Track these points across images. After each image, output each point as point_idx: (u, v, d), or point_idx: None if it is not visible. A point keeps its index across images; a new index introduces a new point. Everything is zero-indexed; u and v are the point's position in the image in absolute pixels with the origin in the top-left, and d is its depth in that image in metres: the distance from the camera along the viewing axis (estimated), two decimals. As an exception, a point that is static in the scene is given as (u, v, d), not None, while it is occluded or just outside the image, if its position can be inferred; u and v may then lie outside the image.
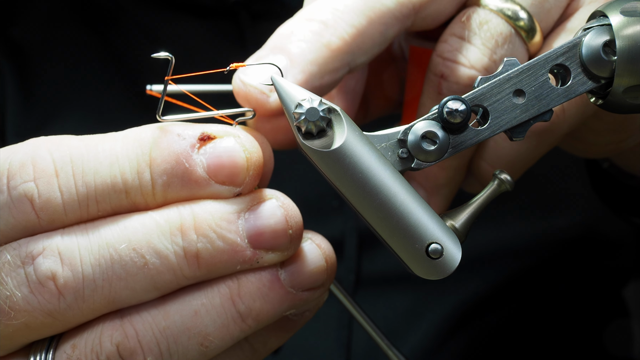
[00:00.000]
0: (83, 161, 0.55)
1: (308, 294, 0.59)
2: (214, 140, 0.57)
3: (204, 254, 0.55)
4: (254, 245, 0.57)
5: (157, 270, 0.55)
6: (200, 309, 0.56)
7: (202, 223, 0.56)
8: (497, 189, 0.60)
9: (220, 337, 0.57)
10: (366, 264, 1.00)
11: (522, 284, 1.02)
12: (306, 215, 1.00)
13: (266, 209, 0.58)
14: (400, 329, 0.99)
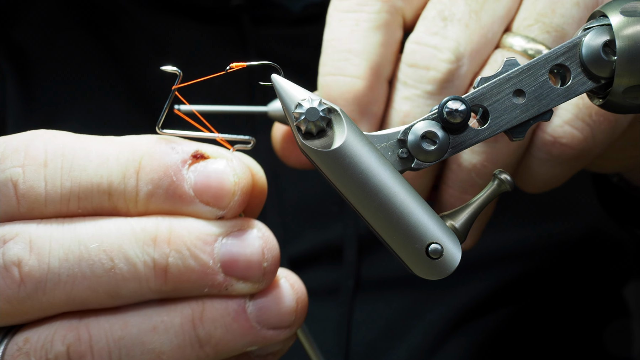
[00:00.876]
0: (74, 157, 0.55)
1: (273, 332, 0.58)
2: (207, 160, 0.57)
3: (173, 270, 0.55)
4: (226, 271, 0.56)
5: (123, 276, 0.54)
6: (159, 325, 0.56)
7: (177, 238, 0.55)
8: (497, 189, 0.60)
9: (174, 359, 0.56)
10: (366, 269, 1.00)
11: (522, 287, 1.02)
12: (306, 221, 1.01)
13: (245, 237, 0.57)
14: (399, 330, 0.99)
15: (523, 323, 1.02)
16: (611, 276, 1.09)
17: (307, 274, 0.99)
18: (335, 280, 0.99)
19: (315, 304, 0.99)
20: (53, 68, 1.02)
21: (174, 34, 1.01)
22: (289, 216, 1.00)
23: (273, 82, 0.59)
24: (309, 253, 1.00)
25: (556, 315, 1.03)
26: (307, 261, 1.00)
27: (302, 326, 0.64)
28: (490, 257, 1.01)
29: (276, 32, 1.01)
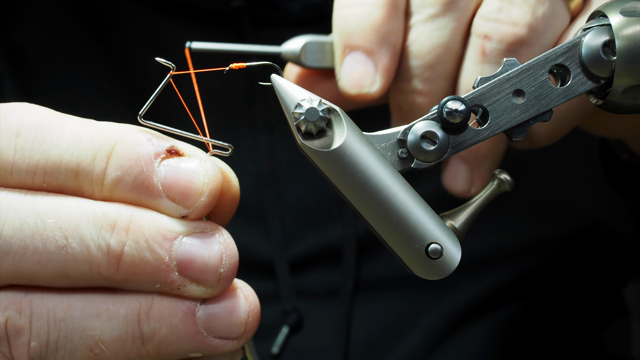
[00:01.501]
0: (48, 131, 0.55)
1: (219, 342, 0.57)
2: (181, 157, 0.57)
3: (127, 259, 0.54)
4: (180, 270, 0.55)
5: (74, 256, 0.54)
6: (103, 313, 0.55)
7: (137, 228, 0.55)
8: (496, 189, 0.60)
9: (113, 351, 0.55)
10: (365, 270, 1.00)
11: (521, 286, 1.02)
12: (306, 223, 1.00)
13: (206, 240, 0.56)
14: (398, 330, 0.99)
15: (522, 323, 1.02)
16: (612, 274, 1.09)
17: (306, 275, 0.99)
18: (335, 281, 0.99)
19: (314, 305, 0.99)
20: (51, 69, 1.02)
21: (174, 36, 1.01)
22: (289, 218, 1.00)
23: (273, 82, 0.59)
24: (309, 255, 1.00)
25: (556, 315, 1.03)
26: (307, 263, 1.00)
27: (250, 341, 0.63)
28: (488, 257, 1.01)
29: (276, 33, 1.01)
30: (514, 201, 1.00)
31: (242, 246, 0.97)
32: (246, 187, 1.00)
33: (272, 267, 0.98)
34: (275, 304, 0.98)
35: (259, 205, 0.99)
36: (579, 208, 1.05)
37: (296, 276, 0.99)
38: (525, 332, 1.02)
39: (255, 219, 0.99)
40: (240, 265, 0.98)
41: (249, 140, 1.00)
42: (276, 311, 0.98)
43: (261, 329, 0.97)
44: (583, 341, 1.05)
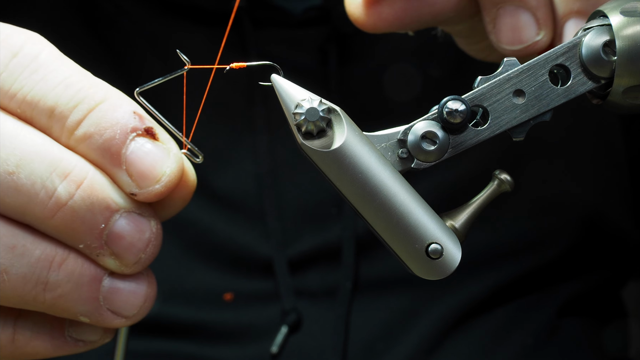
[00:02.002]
0: (43, 65, 0.56)
1: (110, 315, 0.59)
2: (154, 141, 0.58)
3: (67, 211, 0.55)
4: (107, 241, 0.57)
5: (17, 186, 0.55)
6: (19, 247, 0.56)
7: (88, 187, 0.56)
8: (497, 189, 0.60)
9: (13, 285, 0.56)
10: (364, 270, 1.00)
11: (520, 286, 1.02)
12: (305, 222, 1.00)
13: (140, 223, 0.58)
14: (397, 330, 0.99)
15: (521, 324, 1.02)
16: (609, 274, 1.09)
17: (305, 275, 0.99)
18: (333, 281, 0.99)
19: (313, 305, 0.99)
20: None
21: (174, 36, 1.01)
22: (288, 217, 1.00)
23: (273, 82, 0.59)
24: (307, 254, 0.99)
25: (555, 316, 1.03)
26: (306, 262, 0.99)
27: (126, 328, 0.66)
28: (487, 256, 1.01)
29: (277, 34, 1.01)
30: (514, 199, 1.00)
31: (241, 245, 0.99)
32: (245, 186, 1.00)
33: (271, 266, 0.98)
34: (274, 303, 0.98)
35: (258, 204, 0.99)
36: (579, 206, 1.04)
37: (295, 276, 0.99)
38: (524, 333, 1.02)
39: (254, 218, 0.99)
40: (239, 264, 0.99)
41: (248, 139, 1.00)
42: (275, 311, 0.98)
43: (260, 329, 0.98)
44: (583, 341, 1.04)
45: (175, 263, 0.99)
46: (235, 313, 0.98)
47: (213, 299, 0.99)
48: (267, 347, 0.97)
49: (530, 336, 1.01)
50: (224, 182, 1.00)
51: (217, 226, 0.99)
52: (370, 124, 0.99)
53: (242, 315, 0.98)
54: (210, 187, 1.00)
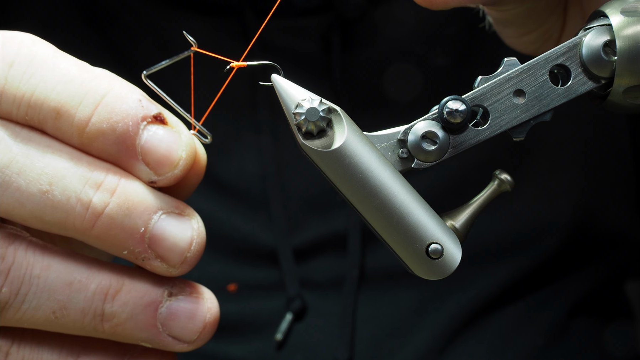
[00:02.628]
0: (40, 66, 0.56)
1: (171, 340, 0.59)
2: (165, 126, 0.58)
3: (105, 219, 0.55)
4: (150, 243, 0.57)
5: (54, 203, 0.55)
6: (75, 283, 0.56)
7: (122, 193, 0.56)
8: (497, 189, 0.60)
9: (72, 318, 0.57)
10: (370, 259, 1.00)
11: (530, 282, 1.02)
12: (310, 211, 1.01)
13: (181, 222, 0.58)
14: (405, 328, 0.99)
15: (532, 322, 1.02)
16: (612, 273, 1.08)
17: (310, 264, 0.99)
18: (339, 271, 0.99)
19: (318, 296, 0.99)
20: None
21: (176, 27, 1.01)
22: (292, 206, 1.00)
23: (273, 82, 0.59)
24: (313, 243, 1.00)
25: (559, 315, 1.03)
26: (311, 251, 0.99)
27: None
28: (497, 250, 1.01)
29: (279, 23, 1.00)
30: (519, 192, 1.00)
31: (245, 234, 0.99)
32: (249, 175, 1.00)
33: (275, 255, 0.98)
34: (278, 294, 0.98)
35: (262, 193, 0.99)
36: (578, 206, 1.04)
37: (300, 264, 0.99)
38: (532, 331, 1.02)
39: (259, 206, 0.99)
40: (244, 252, 0.99)
41: (252, 128, 1.00)
42: (280, 302, 0.98)
43: (265, 320, 0.98)
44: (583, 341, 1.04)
45: None
46: (239, 305, 0.98)
47: (217, 290, 0.99)
48: (272, 339, 0.97)
49: (541, 336, 1.01)
50: (227, 171, 1.00)
51: (220, 215, 0.99)
52: (374, 112, 1.00)
53: (247, 307, 0.98)
54: (214, 176, 1.00)
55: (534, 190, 1.02)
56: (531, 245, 1.01)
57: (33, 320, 0.56)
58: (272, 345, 0.97)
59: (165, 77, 0.99)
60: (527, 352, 1.00)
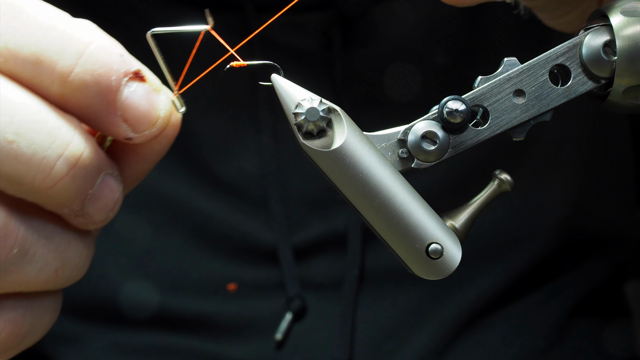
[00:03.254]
0: (20, 10, 0.54)
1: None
2: (144, 83, 0.57)
3: (67, 181, 0.55)
4: (87, 204, 0.57)
5: (17, 155, 0.53)
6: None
7: (87, 158, 0.55)
8: (497, 189, 0.60)
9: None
10: (370, 259, 1.00)
11: (529, 282, 1.02)
12: (310, 210, 1.01)
13: (115, 183, 0.59)
14: (404, 328, 0.99)
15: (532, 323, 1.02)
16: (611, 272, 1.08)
17: (310, 264, 0.99)
18: (339, 272, 0.99)
19: (318, 297, 0.99)
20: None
21: (176, 24, 1.01)
22: (292, 205, 1.00)
23: (273, 82, 0.59)
24: (313, 242, 0.99)
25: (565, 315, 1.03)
26: (311, 251, 0.99)
27: None
28: (494, 250, 1.01)
29: (280, 19, 1.00)
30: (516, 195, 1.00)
31: (244, 233, 0.99)
32: (249, 173, 1.00)
33: (275, 254, 0.98)
34: (278, 294, 0.98)
35: (263, 192, 0.99)
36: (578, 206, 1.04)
37: (300, 264, 0.99)
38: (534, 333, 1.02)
39: (259, 206, 0.99)
40: (244, 252, 0.99)
41: (252, 126, 1.00)
42: (279, 302, 0.98)
43: (264, 321, 0.98)
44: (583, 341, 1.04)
45: (178, 252, 0.99)
46: (238, 304, 0.98)
47: (216, 289, 0.99)
48: (271, 339, 0.97)
49: (540, 337, 1.01)
50: (227, 169, 1.00)
51: (220, 214, 0.99)
52: (375, 109, 1.00)
53: (246, 307, 0.98)
54: (213, 175, 0.99)
55: (533, 190, 1.02)
56: (530, 245, 1.01)
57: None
58: (271, 345, 0.97)
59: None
60: (526, 353, 1.00)
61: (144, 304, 0.99)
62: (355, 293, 0.98)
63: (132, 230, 0.99)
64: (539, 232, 1.02)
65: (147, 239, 0.99)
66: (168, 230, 1.00)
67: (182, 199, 0.99)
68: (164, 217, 1.00)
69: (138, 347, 0.99)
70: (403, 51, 1.00)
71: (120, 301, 0.99)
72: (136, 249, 0.99)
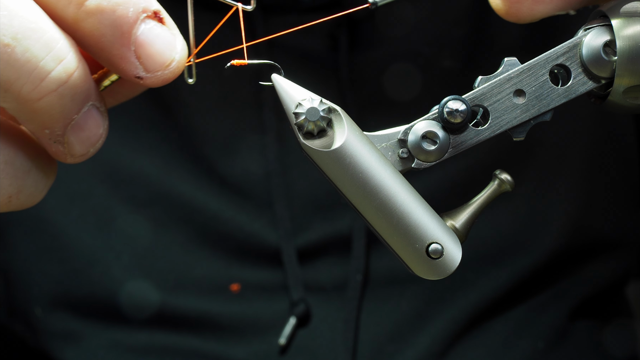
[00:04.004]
0: None
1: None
2: (162, 25, 0.56)
3: (54, 96, 0.53)
4: (69, 130, 0.55)
5: (10, 60, 0.52)
6: None
7: (78, 78, 0.54)
8: (497, 189, 0.60)
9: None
10: (374, 264, 0.99)
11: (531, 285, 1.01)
12: (315, 212, 1.00)
13: (100, 118, 0.57)
14: (406, 331, 0.98)
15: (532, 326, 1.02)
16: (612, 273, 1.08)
17: (314, 266, 0.99)
18: (343, 274, 0.99)
19: (322, 300, 0.98)
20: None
21: (182, 23, 1.01)
22: (297, 206, 1.00)
23: (273, 82, 0.59)
24: (317, 244, 0.99)
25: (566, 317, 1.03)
26: (315, 253, 0.99)
27: None
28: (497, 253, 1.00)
29: (286, 20, 1.00)
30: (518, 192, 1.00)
31: (248, 233, 0.99)
32: (254, 174, 1.00)
33: (279, 256, 0.98)
34: (281, 296, 0.98)
35: (267, 193, 0.99)
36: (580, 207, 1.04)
37: (304, 266, 0.98)
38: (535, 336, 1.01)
39: (263, 206, 0.99)
40: (247, 252, 0.99)
41: (258, 127, 1.00)
42: (283, 304, 0.98)
43: (267, 323, 0.98)
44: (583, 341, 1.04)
45: (182, 250, 0.99)
46: (241, 305, 0.98)
47: (219, 289, 0.99)
48: (274, 341, 0.97)
49: (542, 339, 1.01)
50: (231, 169, 1.00)
51: (224, 213, 0.99)
52: (380, 112, 1.00)
53: (249, 308, 0.98)
54: (218, 174, 0.99)
55: (536, 194, 1.02)
56: (533, 248, 1.01)
57: None
58: (273, 348, 0.97)
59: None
60: (527, 355, 1.00)
61: (145, 303, 0.98)
62: (359, 299, 0.97)
63: (136, 227, 0.99)
64: (543, 236, 1.01)
65: (150, 236, 0.99)
66: (171, 228, 1.00)
67: (186, 197, 0.99)
68: (167, 215, 1.00)
69: (138, 346, 0.98)
70: (409, 54, 1.00)
71: (121, 299, 0.99)
72: (139, 247, 0.99)
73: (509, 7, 0.60)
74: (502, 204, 0.97)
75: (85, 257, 0.99)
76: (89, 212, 1.00)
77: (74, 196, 1.00)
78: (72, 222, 1.00)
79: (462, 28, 1.00)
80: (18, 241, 1.01)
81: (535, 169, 1.01)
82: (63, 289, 1.00)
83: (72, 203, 1.00)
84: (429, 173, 0.93)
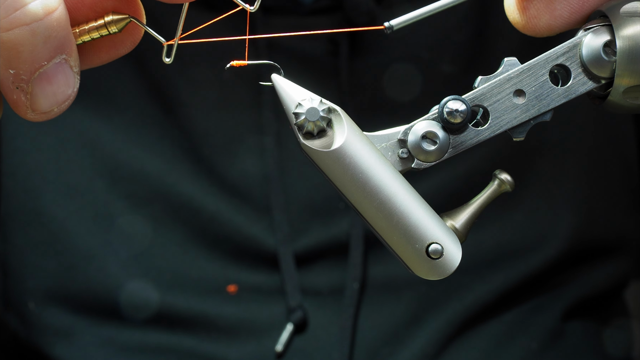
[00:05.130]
0: None
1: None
2: None
3: (26, 31, 0.50)
4: (36, 78, 0.52)
5: None
6: None
7: (56, 18, 0.51)
8: (497, 189, 0.60)
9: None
10: (372, 269, 0.99)
11: (526, 288, 1.01)
12: (312, 217, 1.00)
13: (72, 76, 0.54)
14: (401, 333, 0.98)
15: (526, 327, 1.01)
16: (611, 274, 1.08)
17: (312, 270, 0.99)
18: (340, 280, 0.98)
19: (319, 305, 0.98)
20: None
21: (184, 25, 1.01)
22: (294, 211, 1.00)
23: (273, 82, 0.59)
24: (314, 249, 0.99)
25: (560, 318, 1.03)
26: (312, 257, 0.99)
27: None
28: (493, 257, 1.00)
29: (287, 23, 1.00)
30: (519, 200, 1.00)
31: (246, 236, 0.99)
32: (253, 177, 1.00)
33: (276, 260, 0.98)
34: (278, 300, 0.98)
35: (266, 195, 0.99)
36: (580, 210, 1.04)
37: (301, 271, 0.98)
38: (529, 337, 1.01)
39: (261, 210, 0.99)
40: (245, 255, 0.99)
41: (257, 130, 1.00)
42: (279, 308, 0.98)
43: (263, 326, 0.98)
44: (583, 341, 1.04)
45: (179, 250, 0.99)
46: (238, 307, 0.98)
47: (216, 290, 0.98)
48: (270, 345, 0.97)
49: (535, 341, 1.00)
50: (230, 170, 0.99)
51: (223, 215, 0.99)
52: (380, 116, 1.00)
53: (245, 310, 0.98)
54: (217, 175, 0.99)
55: (535, 199, 1.02)
56: (531, 253, 1.01)
57: None
58: (269, 351, 0.97)
59: (169, 74, 0.99)
60: (521, 356, 1.00)
61: (141, 301, 0.98)
62: (355, 306, 0.97)
63: (134, 225, 0.99)
64: (541, 242, 1.01)
65: (148, 234, 0.99)
66: (170, 227, 1.00)
67: (185, 197, 0.99)
68: (166, 214, 1.00)
69: (131, 344, 0.98)
70: (409, 58, 1.00)
71: (117, 297, 0.99)
72: (136, 244, 0.99)
73: (527, 22, 0.61)
74: (501, 210, 0.97)
75: (81, 252, 0.99)
76: (87, 207, 1.00)
77: (73, 190, 1.00)
78: (70, 216, 0.99)
79: (463, 33, 1.00)
80: (14, 233, 1.00)
81: (534, 175, 1.01)
82: (58, 283, 1.00)
83: (71, 197, 0.99)
84: (429, 179, 0.93)
